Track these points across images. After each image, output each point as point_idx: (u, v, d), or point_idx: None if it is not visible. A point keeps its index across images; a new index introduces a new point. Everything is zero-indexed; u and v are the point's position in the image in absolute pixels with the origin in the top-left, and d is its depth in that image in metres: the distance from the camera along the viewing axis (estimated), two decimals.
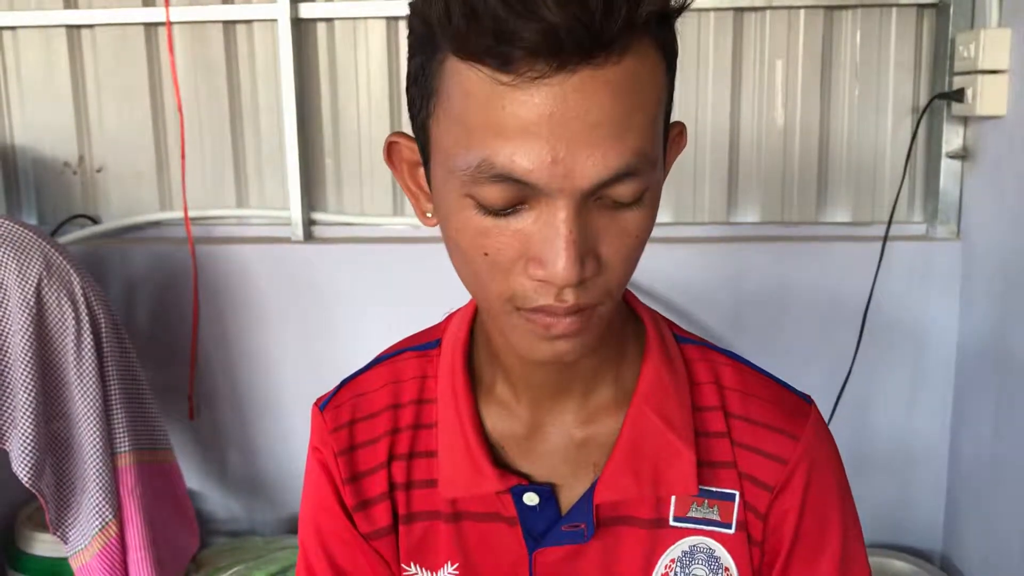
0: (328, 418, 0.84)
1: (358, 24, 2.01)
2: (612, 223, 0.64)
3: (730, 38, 1.94)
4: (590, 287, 0.65)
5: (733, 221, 2.02)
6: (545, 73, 0.58)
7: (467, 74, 0.61)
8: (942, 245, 1.91)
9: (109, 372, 1.64)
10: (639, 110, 0.62)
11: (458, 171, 0.64)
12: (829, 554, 0.80)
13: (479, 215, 0.64)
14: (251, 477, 2.12)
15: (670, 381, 0.79)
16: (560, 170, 0.60)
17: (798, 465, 0.78)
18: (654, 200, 0.67)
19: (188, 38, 2.04)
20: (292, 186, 2.01)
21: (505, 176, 0.61)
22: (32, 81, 2.09)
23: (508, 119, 0.60)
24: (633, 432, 0.77)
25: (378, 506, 0.83)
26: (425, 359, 0.84)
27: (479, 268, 0.66)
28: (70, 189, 2.13)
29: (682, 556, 0.79)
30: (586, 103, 0.59)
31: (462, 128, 0.63)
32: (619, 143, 0.61)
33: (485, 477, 0.77)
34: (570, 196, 0.61)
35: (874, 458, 1.98)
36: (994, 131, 1.76)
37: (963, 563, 1.90)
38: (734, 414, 0.80)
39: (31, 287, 1.53)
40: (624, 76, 0.60)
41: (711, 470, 0.78)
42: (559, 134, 0.59)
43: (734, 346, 1.94)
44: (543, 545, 0.79)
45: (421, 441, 0.82)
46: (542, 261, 0.63)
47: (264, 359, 2.05)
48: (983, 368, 1.81)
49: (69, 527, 1.61)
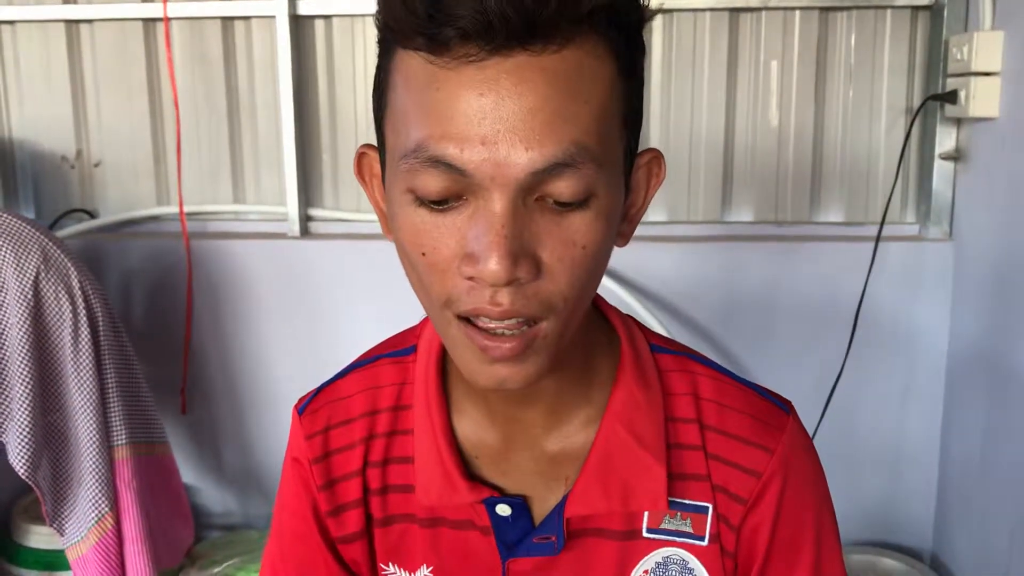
0: (305, 423, 0.85)
1: (356, 21, 2.02)
2: (555, 228, 0.63)
3: (725, 39, 1.95)
4: (528, 294, 0.63)
5: (727, 220, 2.03)
6: (480, 56, 0.59)
7: (409, 62, 0.62)
8: (934, 246, 1.92)
9: (106, 365, 1.65)
10: (580, 102, 0.61)
11: (400, 163, 0.64)
12: (803, 567, 0.80)
13: (419, 211, 0.64)
14: (246, 471, 2.13)
15: (642, 396, 0.78)
16: (492, 156, 0.60)
17: (772, 478, 0.78)
18: (605, 211, 0.64)
19: (186, 34, 2.05)
20: (289, 182, 2.02)
21: (437, 159, 0.61)
22: (30, 76, 2.10)
23: (442, 101, 0.60)
24: (604, 448, 0.77)
25: (351, 512, 0.83)
26: (401, 365, 0.84)
27: (420, 270, 0.66)
28: (68, 183, 2.14)
29: (656, 567, 0.79)
30: (520, 87, 0.59)
31: (403, 116, 0.64)
32: (554, 132, 0.60)
33: (457, 489, 0.78)
34: (504, 188, 0.61)
35: (865, 457, 1.99)
36: (986, 133, 1.77)
37: (953, 562, 1.92)
38: (709, 426, 0.79)
39: (29, 280, 1.54)
40: (564, 66, 0.60)
41: (683, 483, 0.78)
42: (492, 117, 0.59)
43: (727, 345, 1.96)
44: (515, 555, 0.79)
45: (397, 447, 0.83)
46: (474, 257, 0.62)
47: (259, 354, 2.06)
48: (974, 368, 1.82)
49: (66, 519, 1.61)
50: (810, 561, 0.80)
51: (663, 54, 1.97)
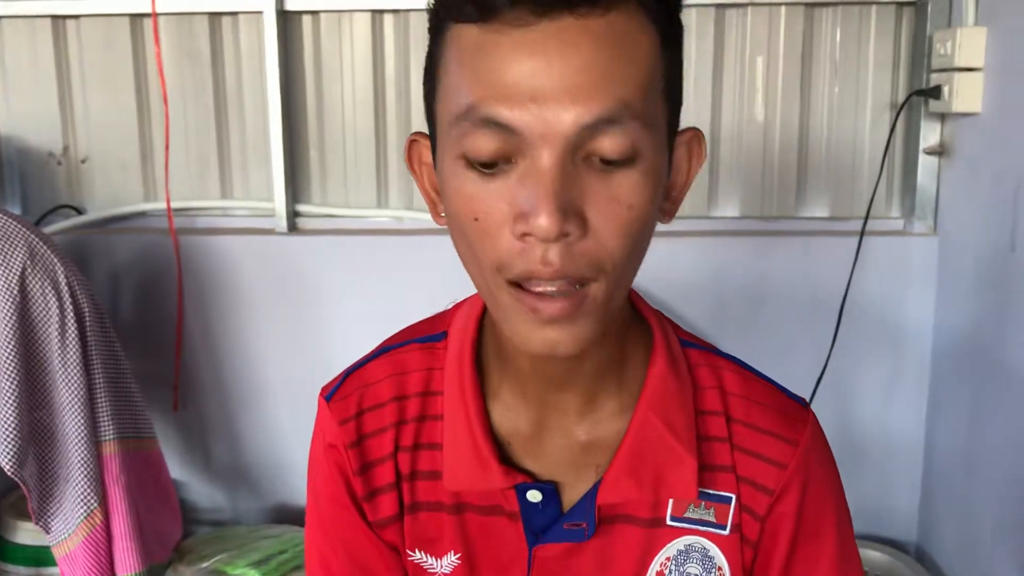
0: (335, 409, 0.85)
1: (343, 17, 2.02)
2: (602, 187, 0.65)
3: (711, 35, 1.96)
4: (577, 254, 0.65)
5: (713, 216, 2.04)
6: (528, 21, 0.62)
7: (460, 34, 0.65)
8: (919, 240, 1.93)
9: (93, 361, 1.65)
10: (624, 61, 0.64)
11: (451, 130, 0.66)
12: (827, 555, 0.83)
13: (470, 176, 0.66)
14: (235, 467, 2.13)
15: (675, 387, 0.80)
16: (541, 113, 0.62)
17: (797, 470, 0.81)
18: (650, 173, 0.66)
19: (174, 29, 2.05)
20: (276, 177, 2.02)
21: (489, 120, 0.63)
22: (17, 71, 2.10)
23: (493, 63, 0.63)
24: (637, 437, 0.78)
25: (386, 495, 0.84)
26: (430, 351, 0.85)
27: (471, 237, 0.67)
28: (55, 179, 2.13)
29: (677, 555, 0.81)
30: (567, 49, 0.62)
31: (455, 86, 0.66)
32: (600, 89, 0.63)
33: (491, 473, 0.78)
34: (553, 145, 0.63)
35: (851, 450, 2.01)
36: (970, 128, 1.78)
37: (938, 554, 1.93)
38: (736, 419, 0.81)
39: (15, 276, 1.54)
40: (608, 29, 0.63)
41: (710, 473, 0.80)
42: (540, 78, 0.62)
43: (714, 339, 1.96)
44: (543, 541, 0.80)
45: (426, 433, 0.83)
46: (524, 214, 0.64)
47: (248, 350, 2.07)
48: (958, 362, 1.84)
49: (52, 516, 1.61)
50: (833, 547, 0.83)
51: None
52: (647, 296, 0.86)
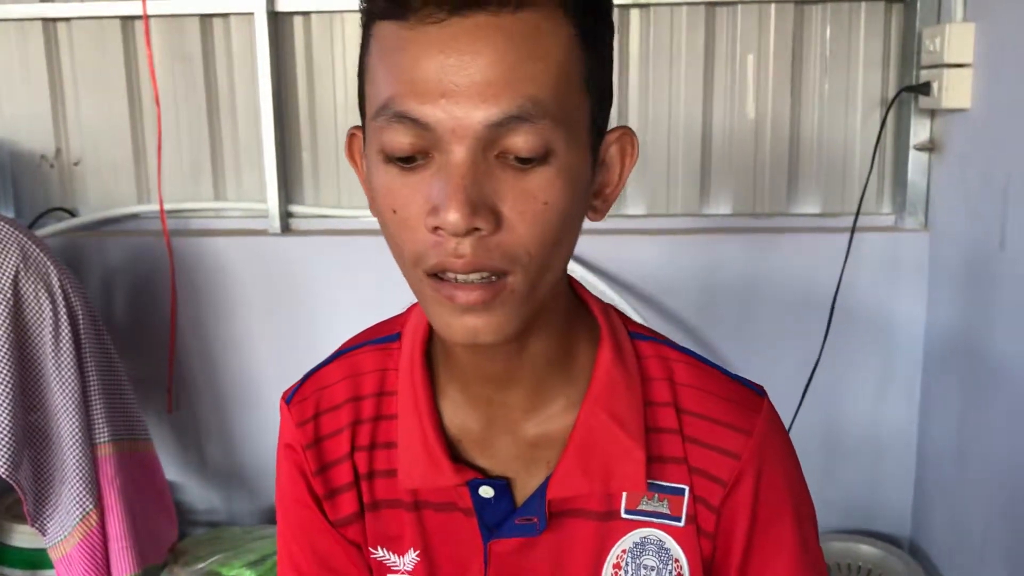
0: (294, 412, 0.87)
1: (334, 18, 2.03)
2: (515, 183, 0.65)
3: (702, 33, 1.97)
4: (490, 246, 0.65)
5: (705, 213, 2.05)
6: (440, 17, 0.63)
7: (382, 31, 0.67)
8: (910, 236, 1.94)
9: (87, 363, 1.65)
10: (536, 59, 0.64)
11: (371, 124, 0.68)
12: (787, 545, 0.82)
13: (390, 171, 0.67)
14: (229, 468, 2.13)
15: (622, 379, 0.80)
16: (452, 110, 0.63)
17: (751, 460, 0.80)
18: (567, 171, 0.67)
19: (165, 31, 2.05)
20: (269, 179, 2.02)
21: (403, 115, 0.64)
22: (9, 74, 2.10)
23: (406, 60, 0.64)
24: (585, 431, 0.79)
25: (345, 495, 0.85)
26: (385, 352, 0.86)
27: (392, 229, 0.69)
28: (47, 182, 2.13)
29: (633, 547, 0.81)
30: (477, 45, 0.63)
31: (376, 80, 0.68)
32: (510, 87, 0.63)
33: (443, 470, 0.79)
34: (463, 140, 0.64)
35: (844, 446, 2.01)
36: (959, 124, 1.79)
37: (931, 548, 1.94)
38: (686, 410, 0.81)
39: (8, 279, 1.54)
40: (520, 26, 0.64)
41: (661, 465, 0.80)
42: (451, 73, 0.63)
43: (706, 336, 1.97)
44: (497, 536, 0.81)
45: (382, 432, 0.84)
46: (436, 208, 0.64)
47: (242, 351, 2.07)
48: (950, 357, 1.85)
49: (48, 519, 1.61)
50: (792, 536, 0.83)
51: (640, 48, 1.98)
52: (635, 292, 0.86)
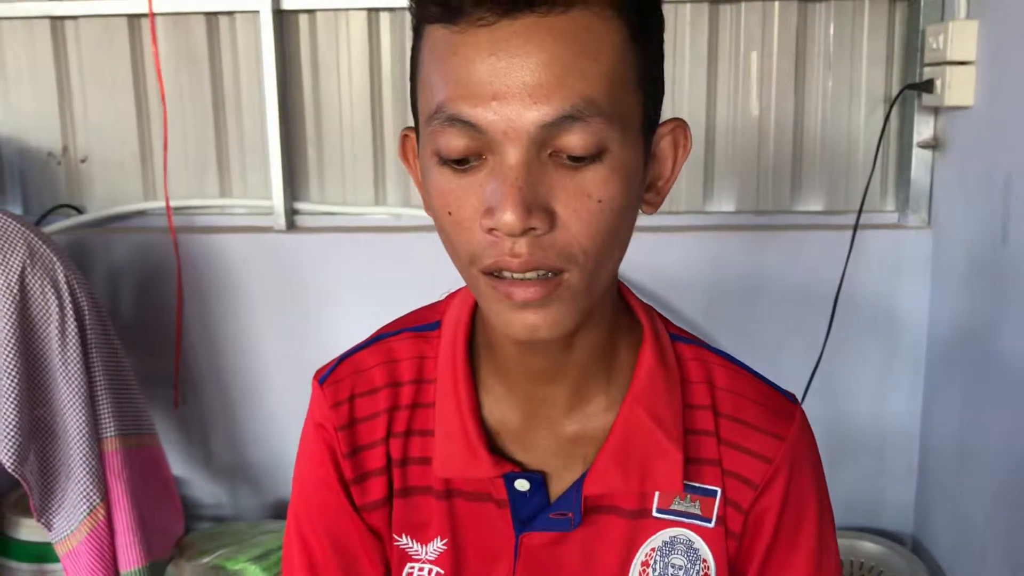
0: (328, 393, 0.86)
1: (339, 16, 2.03)
2: (569, 181, 0.66)
3: (705, 30, 1.97)
4: (545, 245, 0.66)
5: (709, 210, 2.05)
6: (490, 20, 0.63)
7: (432, 35, 0.67)
8: (913, 233, 1.94)
9: (93, 359, 1.66)
10: (588, 58, 0.64)
11: (426, 128, 0.68)
12: (805, 547, 0.84)
13: (444, 172, 0.68)
14: (235, 463, 2.15)
15: (663, 380, 0.81)
16: (504, 112, 0.64)
17: (782, 464, 0.82)
18: (620, 168, 0.67)
19: (171, 29, 2.06)
20: (275, 176, 2.03)
21: (455, 118, 0.65)
22: (16, 72, 2.11)
23: (458, 63, 0.65)
24: (624, 430, 0.80)
25: (375, 480, 0.85)
26: (423, 340, 0.86)
27: (448, 230, 0.69)
28: (55, 179, 2.15)
29: (662, 546, 0.82)
30: (528, 46, 0.63)
31: (428, 85, 0.68)
32: (563, 87, 0.64)
33: (480, 462, 0.80)
34: (517, 142, 0.64)
35: (847, 443, 2.02)
36: (962, 121, 1.79)
37: (933, 545, 1.94)
38: (723, 413, 0.83)
39: (14, 275, 1.55)
40: (571, 26, 0.64)
41: (696, 466, 0.82)
42: (502, 75, 0.63)
43: (709, 332, 1.98)
44: (530, 529, 0.82)
45: (418, 419, 0.85)
46: (491, 209, 0.65)
47: (248, 347, 2.08)
48: (953, 355, 1.85)
49: (54, 514, 1.63)
50: (812, 542, 0.85)
51: None
52: (640, 290, 0.87)
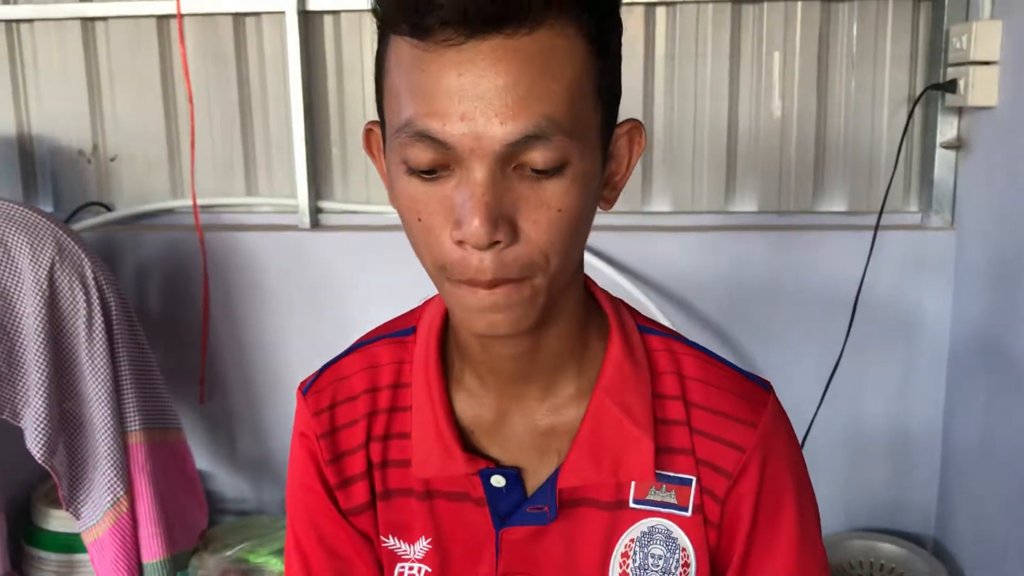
0: (310, 402, 0.90)
1: (364, 16, 2.05)
2: (532, 193, 0.68)
3: (728, 30, 1.97)
4: (508, 260, 0.69)
5: (731, 210, 2.05)
6: (458, 40, 0.65)
7: (400, 47, 0.69)
8: (936, 234, 1.93)
9: (120, 354, 1.69)
10: (551, 79, 0.66)
11: (394, 137, 0.70)
12: (785, 537, 0.85)
13: (412, 181, 0.70)
14: (259, 459, 2.17)
15: (631, 372, 0.82)
16: (471, 130, 0.65)
17: (755, 452, 0.82)
18: (580, 178, 0.69)
19: (198, 30, 2.09)
20: (299, 175, 2.06)
21: (424, 134, 0.67)
22: (48, 72, 2.15)
23: (426, 81, 0.66)
24: (594, 422, 0.81)
25: (358, 484, 0.88)
26: (401, 345, 0.89)
27: (417, 235, 0.72)
28: (84, 177, 2.19)
29: (641, 536, 0.83)
30: (495, 67, 0.65)
31: (396, 96, 0.70)
32: (527, 107, 0.65)
33: (455, 460, 0.82)
34: (483, 159, 0.66)
35: (868, 444, 2.01)
36: (986, 122, 1.78)
37: (955, 548, 1.93)
38: (694, 403, 0.84)
39: (44, 271, 1.59)
40: (535, 47, 0.65)
41: (669, 456, 0.82)
42: (469, 95, 0.65)
43: (730, 333, 1.98)
44: (509, 524, 0.83)
45: (397, 423, 0.87)
46: (459, 222, 0.67)
47: (271, 344, 2.11)
48: (976, 356, 1.84)
49: (82, 504, 1.66)
50: (792, 527, 0.85)
51: (666, 46, 1.99)
52: (661, 289, 0.88)
